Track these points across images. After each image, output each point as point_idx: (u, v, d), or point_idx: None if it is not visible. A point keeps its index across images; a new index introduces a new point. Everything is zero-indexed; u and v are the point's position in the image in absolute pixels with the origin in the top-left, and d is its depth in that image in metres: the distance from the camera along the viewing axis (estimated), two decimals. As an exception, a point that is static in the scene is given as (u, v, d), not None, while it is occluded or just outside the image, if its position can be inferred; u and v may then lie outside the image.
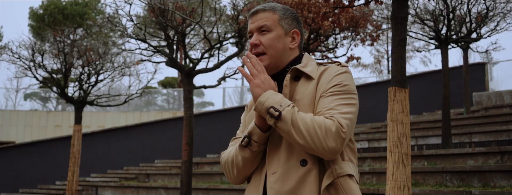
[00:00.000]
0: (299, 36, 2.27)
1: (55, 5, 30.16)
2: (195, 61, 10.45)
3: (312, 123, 1.93)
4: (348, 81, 2.11)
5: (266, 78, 2.08)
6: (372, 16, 15.09)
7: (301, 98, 2.10)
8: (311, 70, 2.17)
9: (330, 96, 2.05)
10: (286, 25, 2.25)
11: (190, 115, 10.17)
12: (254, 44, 2.22)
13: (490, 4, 13.37)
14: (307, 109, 2.07)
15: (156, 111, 27.71)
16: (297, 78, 2.18)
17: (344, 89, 2.08)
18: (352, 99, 2.07)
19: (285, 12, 2.26)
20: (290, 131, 1.94)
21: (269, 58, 2.20)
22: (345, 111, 2.00)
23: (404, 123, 6.30)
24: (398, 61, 6.50)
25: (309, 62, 2.23)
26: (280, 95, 2.04)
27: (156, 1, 9.78)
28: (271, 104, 1.98)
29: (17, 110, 27.10)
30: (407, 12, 6.70)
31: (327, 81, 2.10)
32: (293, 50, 2.27)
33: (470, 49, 15.89)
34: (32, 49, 12.83)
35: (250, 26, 2.27)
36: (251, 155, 2.12)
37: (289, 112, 1.95)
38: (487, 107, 16.87)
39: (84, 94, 13.52)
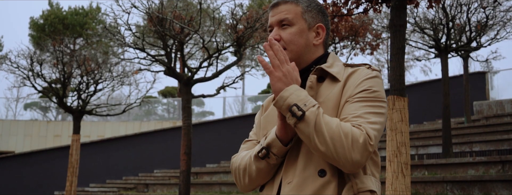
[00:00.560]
0: (324, 31, 2.05)
1: (55, 15, 30.24)
2: (194, 70, 10.39)
3: (338, 129, 1.71)
4: (378, 87, 1.90)
5: (289, 70, 1.82)
6: (372, 25, 15.07)
7: (324, 101, 1.88)
8: (338, 71, 1.95)
9: (357, 102, 1.84)
10: (310, 19, 2.02)
11: (189, 125, 10.11)
12: (274, 39, 1.97)
13: (489, 13, 13.36)
14: (330, 113, 1.85)
15: (156, 120, 27.65)
16: (321, 79, 1.96)
17: (373, 96, 1.86)
18: (381, 108, 1.86)
19: (309, 4, 2.05)
20: (312, 136, 1.72)
21: (290, 54, 1.97)
22: (373, 121, 1.79)
23: (403, 132, 6.24)
24: (396, 70, 6.45)
25: (335, 62, 2.01)
26: (305, 92, 1.80)
27: (154, 10, 9.75)
28: (295, 101, 1.75)
29: (17, 120, 27.06)
30: (405, 20, 6.67)
31: (355, 85, 1.88)
32: (318, 47, 2.05)
33: (470, 58, 15.86)
34: (30, 58, 12.81)
35: (270, 20, 2.06)
36: (267, 167, 1.90)
37: (313, 113, 1.72)
38: (487, 116, 16.80)
39: (83, 103, 13.47)
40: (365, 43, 15.64)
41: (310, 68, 2.00)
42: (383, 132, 1.85)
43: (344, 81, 1.91)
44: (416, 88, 20.14)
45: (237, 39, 10.13)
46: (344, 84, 1.90)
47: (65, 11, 31.17)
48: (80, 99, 13.49)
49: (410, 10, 13.99)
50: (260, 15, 10.65)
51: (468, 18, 13.12)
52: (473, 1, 13.18)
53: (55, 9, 31.29)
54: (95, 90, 13.67)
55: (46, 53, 14.68)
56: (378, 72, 1.95)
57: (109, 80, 13.71)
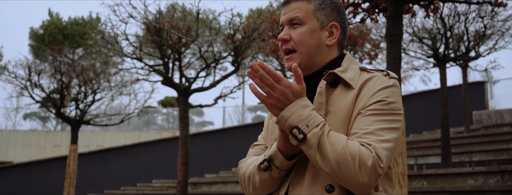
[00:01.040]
0: (338, 31, 1.89)
1: (55, 25, 30.29)
2: (191, 80, 10.38)
3: (344, 151, 1.56)
4: (394, 97, 1.72)
5: (283, 90, 1.63)
6: (370, 35, 15.09)
7: (336, 111, 1.73)
8: (352, 77, 1.79)
9: (370, 116, 1.67)
10: (322, 17, 1.87)
11: (186, 134, 10.07)
12: (284, 39, 1.86)
13: (487, 22, 13.37)
14: (342, 124, 1.71)
15: (155, 130, 27.61)
16: (334, 84, 1.80)
17: (389, 108, 1.69)
18: (396, 122, 1.69)
19: (323, 1, 1.89)
20: (315, 158, 1.59)
21: (300, 56, 1.83)
22: (387, 138, 1.63)
23: (400, 142, 6.19)
24: (393, 79, 6.42)
25: (350, 65, 1.85)
26: (308, 109, 1.63)
27: (152, 20, 9.76)
28: (295, 122, 1.61)
29: (16, 130, 27.02)
30: (401, 29, 6.66)
31: (369, 95, 1.72)
32: (331, 47, 1.88)
33: (469, 67, 15.86)
34: (28, 68, 12.81)
35: (281, 18, 1.91)
36: (271, 179, 1.77)
37: (315, 135, 1.58)
38: (487, 126, 16.74)
39: (81, 113, 13.45)
40: (363, 53, 15.64)
41: (323, 72, 1.85)
42: (397, 147, 1.72)
43: (359, 89, 1.75)
44: (415, 97, 20.10)
45: (234, 48, 10.13)
46: (358, 92, 1.75)
47: (65, 22, 31.25)
48: (78, 109, 13.47)
49: (408, 20, 14.01)
50: (257, 24, 10.65)
51: (466, 28, 13.13)
52: (471, 11, 13.21)
53: (55, 20, 31.37)
54: (93, 100, 13.66)
55: (45, 63, 14.69)
56: (395, 80, 1.77)
57: (107, 90, 13.70)
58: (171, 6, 12.00)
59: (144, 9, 9.64)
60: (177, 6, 14.53)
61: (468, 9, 13.20)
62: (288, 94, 1.63)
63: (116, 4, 9.54)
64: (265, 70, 1.62)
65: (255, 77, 1.63)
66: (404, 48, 15.17)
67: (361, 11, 8.36)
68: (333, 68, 1.84)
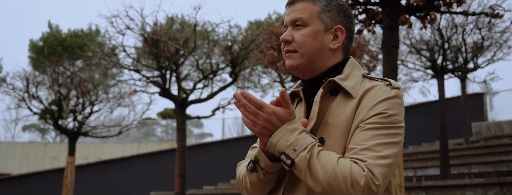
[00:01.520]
0: (343, 34, 1.81)
1: (55, 37, 30.35)
2: (188, 92, 10.37)
3: (334, 172, 1.51)
4: (395, 109, 1.64)
5: (267, 117, 1.59)
6: (368, 46, 15.12)
7: (334, 123, 1.67)
8: (353, 85, 1.71)
9: (369, 130, 1.60)
10: (327, 19, 1.80)
11: (183, 146, 10.03)
12: (286, 40, 1.79)
13: (485, 34, 13.40)
14: (340, 137, 1.65)
15: (154, 142, 27.54)
16: (335, 92, 1.74)
17: (389, 121, 1.61)
18: (396, 136, 1.61)
19: (329, 3, 1.82)
20: (307, 180, 1.55)
21: (300, 57, 1.77)
22: (385, 155, 1.55)
23: (396, 154, 6.16)
24: (389, 90, 6.41)
25: (353, 72, 1.78)
26: (295, 133, 1.58)
27: (149, 32, 9.78)
28: (283, 148, 1.57)
29: (14, 142, 26.95)
30: (397, 40, 6.66)
31: (369, 107, 1.64)
32: (335, 51, 1.80)
33: (467, 79, 15.86)
34: (26, 80, 12.81)
35: (285, 18, 1.85)
36: (259, 182, 1.73)
37: (303, 159, 1.54)
38: (486, 138, 16.69)
39: (79, 125, 13.43)
40: (362, 64, 15.66)
41: (324, 77, 1.78)
42: (397, 162, 1.61)
43: (359, 99, 1.68)
44: (414, 109, 20.07)
45: (231, 60, 10.12)
46: (358, 102, 1.68)
47: (64, 34, 31.33)
48: (75, 121, 13.45)
49: (406, 31, 14.05)
50: (255, 36, 10.67)
51: (464, 39, 13.16)
52: (469, 22, 13.24)
53: (54, 32, 31.45)
54: (91, 112, 13.64)
55: (43, 75, 14.71)
56: (398, 91, 1.68)
57: (105, 102, 13.68)
58: (170, 19, 12.02)
59: (141, 20, 9.66)
60: (176, 19, 14.59)
61: (465, 21, 13.24)
62: (272, 120, 1.60)
63: (113, 15, 9.57)
64: (247, 98, 1.60)
65: (240, 106, 1.61)
66: (402, 60, 15.18)
67: (357, 23, 8.38)
68: (334, 75, 1.78)
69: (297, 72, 1.81)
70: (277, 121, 1.60)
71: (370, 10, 8.02)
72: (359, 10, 8.21)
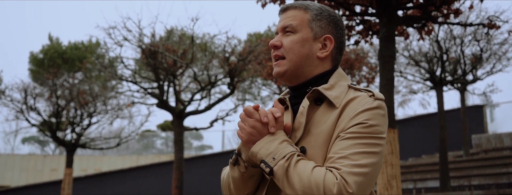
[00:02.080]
0: (332, 44, 1.81)
1: (55, 49, 30.37)
2: (186, 103, 10.33)
3: (308, 181, 1.53)
4: (376, 120, 1.63)
5: (254, 124, 1.65)
6: (367, 58, 15.11)
7: (316, 133, 1.68)
8: (337, 95, 1.71)
9: (348, 139, 1.60)
10: (317, 28, 1.81)
11: (181, 158, 9.98)
12: (274, 45, 1.82)
13: (483, 45, 13.40)
14: (321, 147, 1.65)
15: (153, 154, 27.45)
16: (319, 101, 1.74)
17: (369, 131, 1.61)
18: (375, 146, 1.60)
19: (320, 12, 1.84)
20: (284, 188, 1.58)
21: (288, 63, 1.78)
22: (361, 163, 1.55)
23: (393, 165, 6.11)
24: (386, 101, 6.36)
25: (338, 82, 1.77)
26: (276, 142, 1.62)
27: (147, 43, 9.78)
28: (263, 157, 1.61)
29: (14, 154, 26.89)
30: (394, 51, 6.64)
31: (350, 117, 1.64)
32: (323, 60, 1.81)
33: (467, 91, 15.83)
34: (24, 92, 12.79)
35: (278, 25, 1.89)
36: (241, 177, 1.74)
37: (281, 167, 1.57)
38: (486, 150, 16.62)
39: (77, 136, 13.38)
40: (361, 76, 15.64)
41: (309, 84, 1.79)
42: (377, 173, 1.61)
43: (341, 109, 1.68)
44: (414, 121, 20.02)
45: (229, 71, 10.10)
46: (340, 112, 1.67)
47: (64, 46, 31.36)
48: (73, 132, 13.40)
49: (404, 43, 14.06)
50: (252, 47, 10.66)
51: (462, 51, 13.15)
52: (467, 34, 13.25)
53: (55, 44, 31.49)
54: (89, 123, 13.59)
55: (41, 87, 14.69)
56: (381, 102, 1.67)
57: (104, 114, 13.65)
58: (169, 31, 12.05)
59: (138, 32, 9.66)
60: (176, 31, 14.61)
61: (463, 33, 13.25)
62: (258, 127, 1.64)
63: (111, 27, 9.56)
64: (245, 110, 1.68)
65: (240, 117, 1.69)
66: (401, 71, 15.17)
67: (355, 34, 8.38)
68: (319, 84, 1.78)
69: (284, 78, 1.82)
70: (262, 129, 1.64)
71: (367, 21, 8.03)
72: (356, 21, 8.22)
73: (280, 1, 7.48)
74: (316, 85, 1.77)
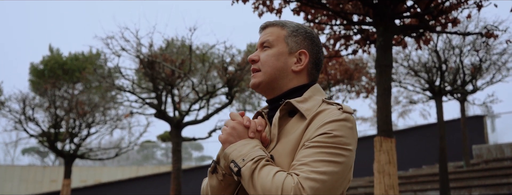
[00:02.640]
0: (307, 58, 1.87)
1: (55, 60, 30.44)
2: (183, 113, 10.30)
3: (269, 183, 1.58)
4: (341, 131, 1.68)
5: (234, 125, 1.74)
6: (366, 68, 15.09)
7: (285, 142, 1.74)
8: (309, 107, 1.77)
9: (311, 148, 1.65)
10: (293, 43, 1.89)
11: (178, 168, 9.92)
12: (252, 59, 1.88)
13: (483, 55, 13.38)
14: (288, 155, 1.71)
15: (153, 165, 27.35)
16: (293, 113, 1.80)
17: (332, 141, 1.65)
18: (338, 156, 1.64)
19: (296, 29, 1.92)
20: (249, 189, 1.64)
21: (262, 75, 1.85)
22: (321, 170, 1.59)
23: (391, 175, 6.05)
24: (383, 110, 6.33)
25: (313, 96, 1.83)
26: (249, 146, 1.69)
27: (145, 53, 9.77)
28: (234, 157, 1.68)
29: (13, 165, 26.82)
30: (391, 60, 6.61)
31: (316, 127, 1.69)
32: (298, 74, 1.87)
33: (467, 101, 15.77)
34: (23, 102, 12.76)
35: (257, 42, 1.97)
36: (218, 185, 1.80)
37: (249, 169, 1.63)
38: (487, 160, 16.52)
39: (76, 147, 13.32)
40: (360, 86, 15.61)
41: (283, 98, 1.84)
42: (339, 182, 1.64)
43: (310, 120, 1.73)
44: (414, 132, 19.95)
45: (227, 81, 10.08)
46: (308, 123, 1.73)
47: (65, 57, 31.43)
48: (72, 143, 13.35)
49: (403, 53, 14.05)
50: (251, 57, 10.62)
51: (461, 61, 13.13)
52: (466, 44, 13.23)
53: (55, 55, 31.57)
54: (88, 134, 13.54)
55: (40, 97, 14.66)
56: (348, 115, 1.73)
57: (102, 124, 13.60)
58: (170, 43, 12.05)
59: (136, 41, 9.65)
60: (176, 41, 14.62)
61: (462, 43, 13.24)
62: (238, 129, 1.73)
63: (108, 37, 9.56)
64: (230, 114, 1.78)
65: None
66: (400, 82, 15.14)
67: (353, 43, 8.37)
68: (293, 97, 1.83)
69: (259, 90, 1.90)
70: (242, 131, 1.73)
71: (365, 30, 8.02)
72: (354, 30, 8.22)
73: (277, 11, 7.48)
74: (290, 98, 1.83)
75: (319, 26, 8.15)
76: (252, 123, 1.75)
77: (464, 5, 7.28)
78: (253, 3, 7.54)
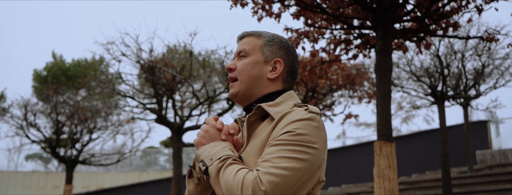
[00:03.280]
0: (282, 67, 1.94)
1: (58, 66, 30.50)
2: (184, 118, 10.27)
3: (231, 180, 1.63)
4: (306, 130, 1.70)
5: (208, 129, 1.80)
6: (368, 73, 15.04)
7: (254, 142, 1.79)
8: (279, 110, 1.81)
9: (275, 145, 1.68)
10: (268, 52, 1.96)
11: (179, 174, 9.88)
12: (229, 68, 1.96)
13: (485, 60, 13.32)
14: (256, 154, 1.75)
15: (156, 171, 27.31)
16: (265, 118, 1.85)
17: (296, 139, 1.68)
18: (300, 153, 1.66)
19: (272, 39, 1.99)
20: (215, 186, 1.68)
21: (239, 84, 1.92)
22: (282, 166, 1.62)
23: (391, 179, 6.00)
24: (383, 114, 6.29)
25: (286, 101, 1.88)
26: (218, 147, 1.74)
27: (145, 58, 9.76)
28: (203, 157, 1.74)
29: (16, 171, 26.84)
30: (391, 64, 6.57)
31: (282, 126, 1.73)
32: (273, 81, 1.94)
33: (470, 106, 15.69)
34: (25, 108, 12.77)
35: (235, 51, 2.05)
36: (195, 189, 1.84)
37: (215, 167, 1.67)
38: (491, 166, 16.42)
39: (77, 153, 13.31)
40: (363, 91, 15.55)
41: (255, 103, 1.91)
42: (302, 180, 1.65)
43: (277, 121, 1.77)
44: (417, 137, 19.86)
45: (228, 86, 10.05)
46: (276, 124, 1.77)
47: (68, 63, 31.50)
48: (73, 149, 13.33)
49: (406, 59, 14.01)
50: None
51: (463, 66, 13.07)
52: (468, 49, 13.18)
53: (58, 61, 31.65)
54: (89, 140, 13.53)
55: (43, 103, 14.67)
56: (314, 115, 1.76)
57: (104, 130, 13.59)
58: (172, 49, 12.05)
59: (136, 47, 9.65)
60: (178, 47, 14.62)
61: (464, 47, 13.19)
62: (211, 132, 1.80)
63: (109, 42, 9.57)
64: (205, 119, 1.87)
65: None
66: (402, 87, 15.08)
67: (353, 48, 8.34)
68: (266, 102, 1.89)
69: (236, 99, 1.96)
70: (214, 133, 1.80)
71: (365, 35, 7.99)
72: (354, 35, 8.19)
73: (276, 15, 7.47)
74: (263, 102, 1.89)
75: (319, 31, 8.13)
76: (225, 127, 1.81)
77: (464, 9, 7.25)
78: (252, 8, 7.53)
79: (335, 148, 21.39)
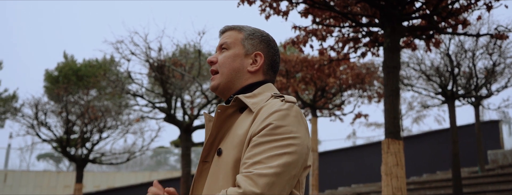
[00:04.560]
0: (262, 60, 1.96)
1: (69, 67, 30.74)
2: (192, 117, 10.29)
3: None
4: (285, 120, 1.71)
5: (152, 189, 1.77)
6: (378, 72, 14.97)
7: (234, 136, 1.78)
8: (256, 101, 1.82)
9: (258, 145, 1.68)
10: (248, 46, 1.99)
11: (188, 172, 9.90)
12: (210, 61, 1.99)
13: (496, 59, 13.20)
14: (235, 148, 1.75)
15: (166, 170, 27.39)
16: (243, 109, 1.85)
17: (278, 132, 1.69)
18: (286, 147, 1.67)
19: (253, 33, 2.03)
20: None
21: (220, 77, 1.95)
22: (272, 165, 1.63)
23: (399, 177, 5.96)
24: (390, 112, 6.25)
25: (263, 92, 1.89)
26: None
27: (154, 57, 9.79)
28: None
29: (28, 171, 27.04)
30: (398, 61, 6.54)
31: (261, 120, 1.72)
32: (253, 74, 1.96)
33: (481, 106, 15.56)
34: (35, 107, 12.87)
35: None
36: None
37: None
38: (503, 166, 16.26)
39: (87, 152, 13.38)
40: (372, 91, 15.48)
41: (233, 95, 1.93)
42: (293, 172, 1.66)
43: (256, 113, 1.78)
44: (428, 137, 19.74)
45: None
46: (255, 116, 1.78)
47: (79, 63, 31.73)
48: (83, 147, 13.41)
49: (415, 58, 13.92)
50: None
51: (474, 64, 12.96)
52: (479, 47, 13.07)
53: (69, 62, 31.89)
54: (99, 139, 13.60)
55: (54, 102, 14.76)
56: (291, 104, 1.77)
57: (114, 129, 13.65)
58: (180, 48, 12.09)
59: (145, 46, 9.68)
60: (189, 47, 14.66)
61: (475, 46, 13.09)
62: None
63: (118, 41, 9.61)
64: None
65: None
66: (412, 85, 14.99)
67: (361, 46, 8.31)
68: (244, 93, 1.90)
69: (217, 92, 1.98)
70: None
71: (373, 33, 7.96)
72: (362, 33, 8.16)
73: (283, 13, 7.45)
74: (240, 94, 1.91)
75: (327, 29, 8.11)
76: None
77: (473, 6, 7.19)
78: (259, 6, 7.52)
79: (345, 148, 21.33)
